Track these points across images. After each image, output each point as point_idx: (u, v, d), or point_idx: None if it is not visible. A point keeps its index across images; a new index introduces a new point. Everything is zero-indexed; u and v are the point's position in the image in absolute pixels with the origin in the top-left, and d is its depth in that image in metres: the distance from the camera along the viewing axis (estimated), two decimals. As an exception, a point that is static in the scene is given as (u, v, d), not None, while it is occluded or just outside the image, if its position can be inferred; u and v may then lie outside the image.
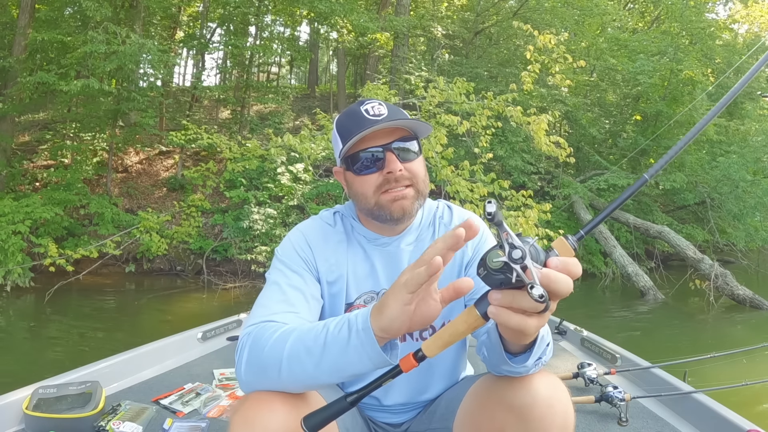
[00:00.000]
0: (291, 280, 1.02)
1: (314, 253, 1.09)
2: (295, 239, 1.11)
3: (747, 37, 14.49)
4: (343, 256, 1.11)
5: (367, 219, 1.12)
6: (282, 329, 0.83)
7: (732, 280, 7.25)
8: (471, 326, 0.67)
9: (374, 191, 1.04)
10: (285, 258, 1.07)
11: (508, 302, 0.62)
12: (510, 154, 9.66)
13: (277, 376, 0.79)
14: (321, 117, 6.53)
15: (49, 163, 10.21)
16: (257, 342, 0.83)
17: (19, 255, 7.10)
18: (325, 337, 0.76)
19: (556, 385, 0.89)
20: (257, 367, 0.82)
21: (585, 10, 11.69)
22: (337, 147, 1.08)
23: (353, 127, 1.03)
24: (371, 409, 1.18)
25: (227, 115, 13.33)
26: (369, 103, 1.06)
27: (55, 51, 9.54)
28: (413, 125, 1.05)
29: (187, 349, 2.40)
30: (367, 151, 1.03)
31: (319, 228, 1.14)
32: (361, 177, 1.05)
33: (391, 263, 1.11)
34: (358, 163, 1.04)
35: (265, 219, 8.27)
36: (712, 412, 1.63)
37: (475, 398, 1.00)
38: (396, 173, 1.02)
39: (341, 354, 0.74)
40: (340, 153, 1.07)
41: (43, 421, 1.53)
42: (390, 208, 1.04)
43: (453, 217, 1.19)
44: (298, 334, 0.79)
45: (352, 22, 10.83)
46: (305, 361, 0.76)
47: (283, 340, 0.80)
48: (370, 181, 1.04)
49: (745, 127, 10.65)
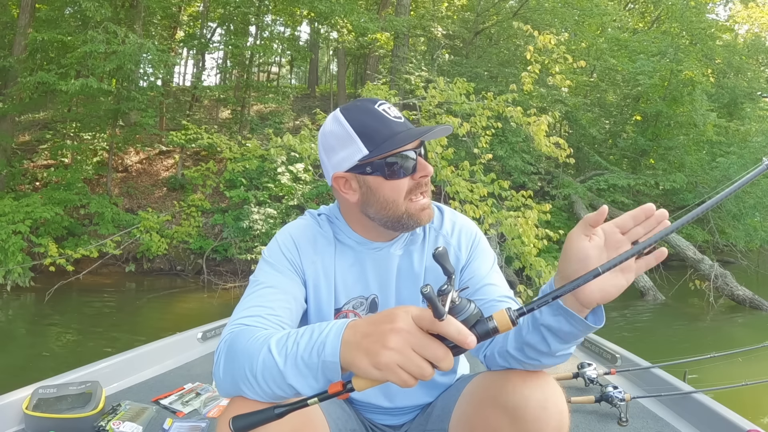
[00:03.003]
0: (274, 281, 1.00)
1: (301, 256, 1.06)
2: (282, 240, 1.08)
3: (747, 38, 14.49)
4: (331, 259, 1.08)
5: (357, 222, 1.08)
6: (252, 335, 0.82)
7: (732, 280, 7.25)
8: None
9: (405, 196, 1.00)
10: (271, 258, 1.05)
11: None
12: (510, 154, 9.66)
13: (250, 386, 0.79)
14: (321, 117, 6.52)
15: (49, 162, 10.21)
16: (231, 350, 0.83)
17: (19, 255, 7.10)
18: (295, 356, 0.74)
19: (551, 386, 0.88)
20: (231, 375, 0.82)
21: (585, 10, 11.69)
22: (351, 149, 0.99)
23: (383, 129, 0.97)
24: (373, 412, 1.17)
25: (227, 115, 13.34)
26: (383, 104, 1.01)
27: (55, 51, 9.54)
28: (444, 132, 1.04)
29: (187, 349, 2.39)
30: (402, 155, 0.98)
31: (307, 229, 1.10)
32: (392, 182, 0.98)
33: (382, 268, 1.09)
34: (391, 167, 0.98)
35: (265, 219, 8.28)
36: (712, 412, 1.63)
37: (470, 399, 0.99)
38: (427, 178, 1.01)
39: (306, 376, 0.73)
40: (363, 158, 0.98)
41: (43, 421, 1.53)
42: (419, 217, 1.02)
43: (444, 221, 1.16)
44: (268, 347, 0.77)
45: (352, 23, 10.83)
46: (276, 376, 0.75)
47: (255, 350, 0.78)
48: (402, 186, 0.99)
49: (745, 128, 10.65)
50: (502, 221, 4.89)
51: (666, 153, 11.24)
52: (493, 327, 0.65)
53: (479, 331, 0.65)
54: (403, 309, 0.67)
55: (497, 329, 0.65)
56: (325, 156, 1.05)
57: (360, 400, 1.15)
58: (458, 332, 0.62)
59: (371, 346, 0.66)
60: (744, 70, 12.38)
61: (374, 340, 0.66)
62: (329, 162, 1.04)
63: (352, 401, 1.14)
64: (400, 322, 0.65)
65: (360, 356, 0.67)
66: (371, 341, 0.66)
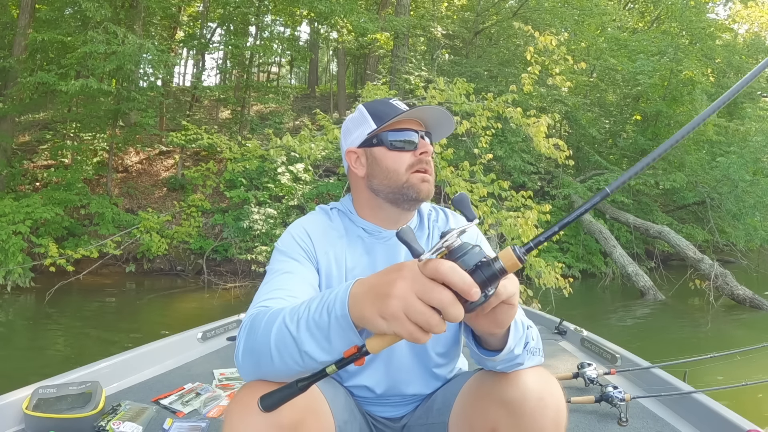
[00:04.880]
0: (290, 267, 1.04)
1: (314, 245, 1.10)
2: (296, 231, 1.13)
3: (747, 37, 14.49)
4: (343, 250, 1.12)
5: (370, 210, 1.15)
6: (271, 312, 0.81)
7: (732, 280, 7.25)
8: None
9: (407, 168, 1.10)
10: (284, 248, 1.09)
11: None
12: (510, 154, 9.66)
13: (269, 362, 0.77)
14: (321, 117, 6.52)
15: (50, 163, 10.22)
16: (251, 329, 0.83)
17: (19, 255, 7.10)
18: (306, 319, 0.73)
19: (548, 380, 0.89)
20: (251, 354, 0.81)
21: (585, 9, 11.69)
22: (363, 127, 1.13)
23: (390, 110, 1.10)
24: (368, 403, 1.18)
25: (227, 115, 13.34)
26: (394, 100, 1.14)
27: (55, 51, 9.54)
28: (445, 120, 1.13)
29: (187, 349, 2.40)
30: (405, 131, 1.10)
31: (319, 222, 1.15)
32: (395, 153, 1.10)
33: (391, 258, 1.12)
34: (396, 140, 1.10)
35: (266, 219, 8.28)
36: (712, 412, 1.63)
37: (469, 394, 1.01)
38: (427, 156, 1.10)
39: (318, 338, 0.72)
40: (371, 132, 1.11)
41: (43, 421, 1.52)
42: (419, 188, 1.10)
43: (448, 222, 1.22)
44: (283, 317, 0.77)
45: (352, 23, 10.83)
46: (290, 346, 0.74)
47: (271, 324, 0.78)
48: (404, 158, 1.10)
49: (744, 128, 10.66)
50: (501, 221, 4.89)
51: (666, 153, 11.23)
52: (500, 267, 0.61)
53: (485, 273, 0.61)
54: (412, 261, 0.67)
55: (504, 270, 0.62)
56: (344, 140, 1.19)
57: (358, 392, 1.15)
58: (462, 279, 0.60)
59: (377, 295, 0.65)
60: (744, 69, 12.37)
61: (380, 290, 0.65)
62: (345, 143, 1.18)
63: (352, 393, 1.15)
64: (405, 270, 0.64)
65: (367, 306, 0.66)
66: (377, 291, 0.65)
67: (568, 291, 5.21)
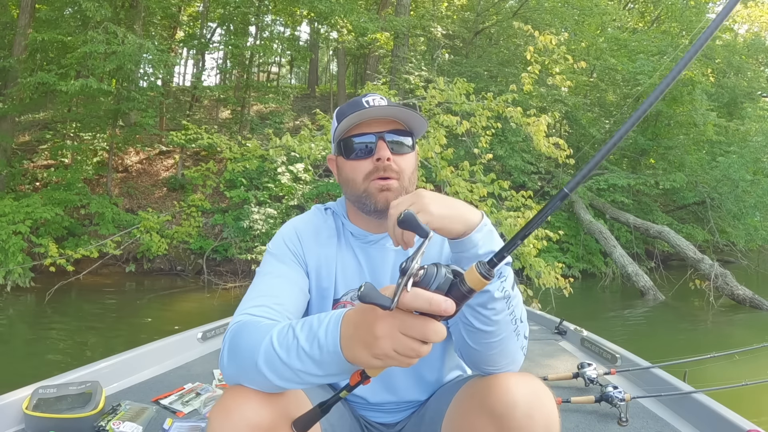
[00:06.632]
0: (279, 271, 1.04)
1: (304, 247, 1.10)
2: (286, 233, 1.12)
3: (747, 37, 14.49)
4: (333, 251, 1.11)
5: (355, 214, 1.13)
6: (256, 328, 0.83)
7: (732, 280, 7.25)
8: None
9: (364, 178, 1.04)
10: (275, 250, 1.09)
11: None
12: (510, 154, 9.67)
13: (253, 380, 0.81)
14: (321, 117, 6.52)
15: (50, 163, 10.22)
16: (236, 340, 0.85)
17: (19, 255, 7.10)
18: (297, 349, 0.75)
19: (537, 392, 0.86)
20: (235, 364, 0.84)
21: (585, 9, 11.69)
22: (335, 132, 1.09)
23: (350, 113, 1.03)
24: (361, 408, 1.17)
25: (227, 114, 13.34)
26: (371, 96, 1.06)
27: (55, 51, 9.54)
28: (407, 118, 1.05)
29: (187, 349, 2.40)
30: (360, 137, 1.04)
31: (310, 223, 1.14)
32: (352, 162, 1.05)
33: (378, 261, 1.11)
34: (350, 148, 1.05)
35: (266, 219, 8.28)
36: (712, 412, 1.63)
37: (459, 405, 0.99)
38: (384, 162, 1.01)
39: (317, 367, 0.75)
40: (334, 137, 1.08)
41: (43, 421, 1.52)
42: (376, 197, 1.03)
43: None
44: (270, 340, 0.78)
45: (352, 22, 10.83)
46: (280, 366, 0.77)
47: (257, 343, 0.80)
48: (361, 167, 1.04)
49: (744, 128, 10.66)
50: (501, 221, 4.89)
51: (666, 152, 11.25)
52: (467, 289, 0.64)
53: (454, 295, 0.64)
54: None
55: (472, 290, 0.64)
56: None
57: (351, 398, 1.15)
58: (429, 303, 0.62)
59: (365, 342, 0.67)
60: (744, 69, 12.39)
61: (365, 331, 0.67)
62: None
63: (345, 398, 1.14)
64: (379, 309, 0.65)
65: (358, 350, 0.68)
66: (362, 332, 0.68)
67: (568, 291, 5.20)
